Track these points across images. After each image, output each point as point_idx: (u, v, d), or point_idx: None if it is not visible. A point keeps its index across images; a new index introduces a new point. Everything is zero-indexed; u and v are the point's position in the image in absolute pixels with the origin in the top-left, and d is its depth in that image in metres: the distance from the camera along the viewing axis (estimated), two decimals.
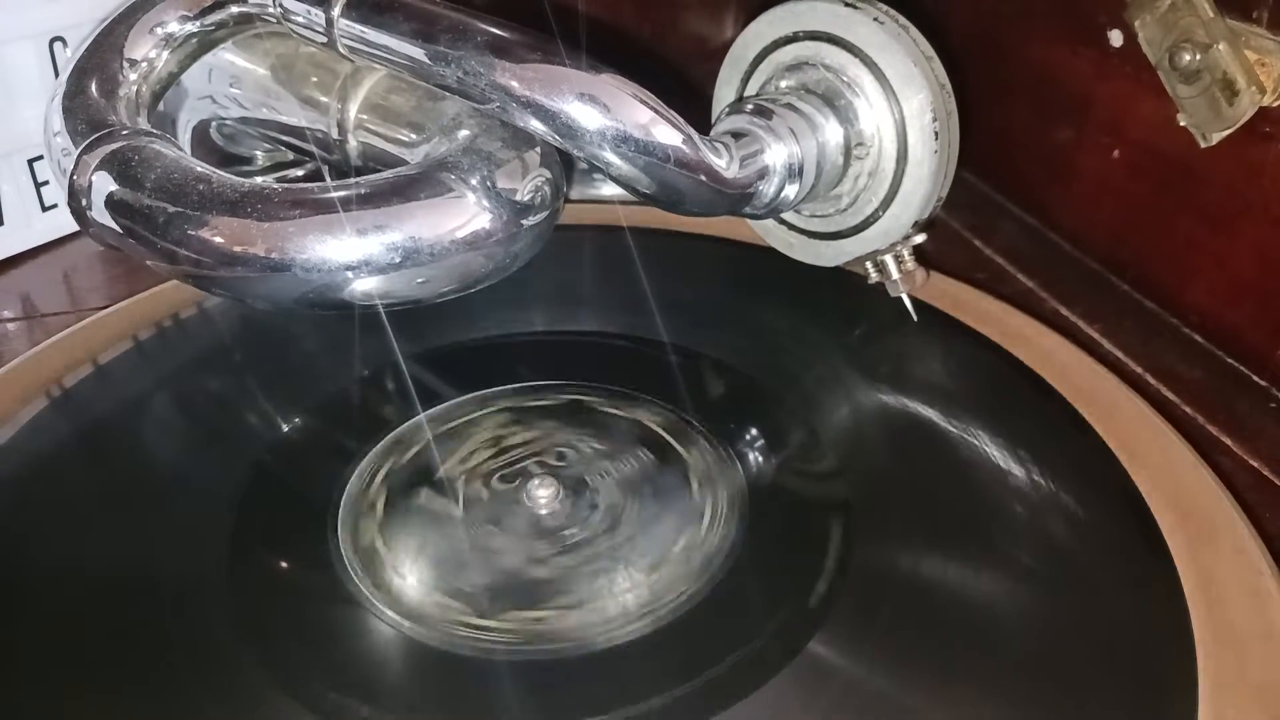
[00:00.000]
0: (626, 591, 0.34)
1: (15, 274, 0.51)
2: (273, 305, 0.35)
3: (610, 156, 0.35)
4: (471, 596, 0.34)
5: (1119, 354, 0.47)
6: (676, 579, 0.34)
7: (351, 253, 0.32)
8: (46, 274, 0.51)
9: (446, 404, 0.41)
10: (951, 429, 0.40)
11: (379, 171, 0.35)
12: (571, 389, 0.42)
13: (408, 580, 0.34)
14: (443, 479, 0.38)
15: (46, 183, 0.52)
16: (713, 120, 0.43)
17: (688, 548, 0.35)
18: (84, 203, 0.34)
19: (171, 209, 0.32)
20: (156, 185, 0.33)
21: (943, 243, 0.53)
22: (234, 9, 0.41)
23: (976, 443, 0.39)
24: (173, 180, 0.33)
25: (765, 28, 0.44)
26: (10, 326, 0.47)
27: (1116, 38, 0.49)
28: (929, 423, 0.41)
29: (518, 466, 0.39)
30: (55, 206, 0.52)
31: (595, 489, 0.38)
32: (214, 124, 0.48)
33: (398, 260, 0.32)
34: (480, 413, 0.41)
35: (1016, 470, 0.38)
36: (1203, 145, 0.45)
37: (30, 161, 0.51)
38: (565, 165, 0.37)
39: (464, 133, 0.36)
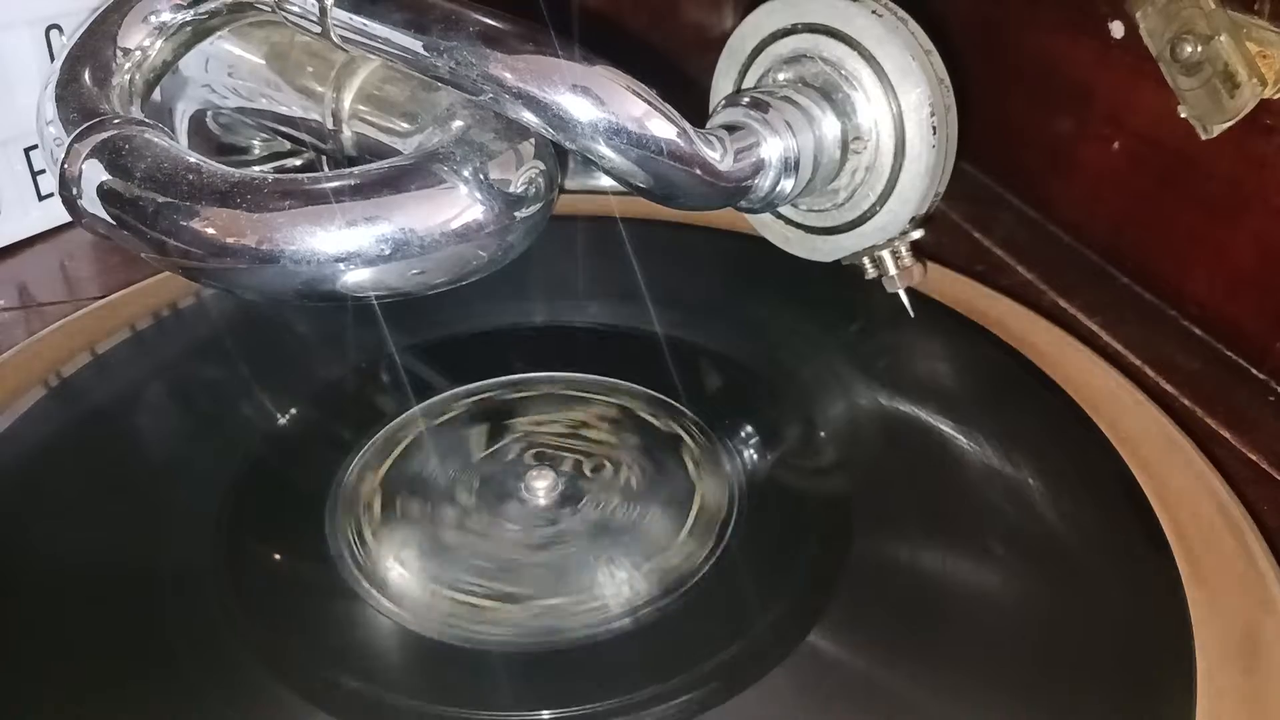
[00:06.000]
0: (624, 582, 0.34)
1: (12, 263, 0.51)
2: (263, 297, 0.35)
3: (603, 149, 0.35)
4: (467, 586, 0.34)
5: (1118, 346, 0.46)
6: (675, 570, 0.34)
7: (341, 244, 0.32)
8: (44, 263, 0.51)
9: (442, 395, 0.41)
10: (950, 422, 0.40)
11: (373, 162, 0.35)
12: (567, 381, 0.42)
13: (403, 570, 0.34)
14: (439, 470, 0.38)
15: (43, 171, 0.52)
16: (709, 113, 0.43)
17: (686, 539, 0.35)
18: (75, 192, 0.34)
19: (161, 199, 0.32)
20: (146, 175, 0.33)
21: (942, 234, 0.53)
22: None
23: (975, 436, 0.39)
24: (162, 170, 0.33)
25: (764, 19, 0.44)
26: (7, 316, 0.47)
27: (1118, 29, 0.48)
28: (928, 416, 0.41)
29: (514, 458, 0.38)
30: (52, 195, 0.52)
31: (593, 480, 0.38)
32: (210, 113, 0.48)
33: (388, 252, 0.32)
34: (475, 404, 0.41)
35: (1015, 463, 0.38)
36: (1204, 137, 0.44)
37: (27, 150, 0.51)
38: (560, 156, 0.37)
39: (457, 123, 0.36)
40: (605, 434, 0.40)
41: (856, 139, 0.42)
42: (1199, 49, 0.43)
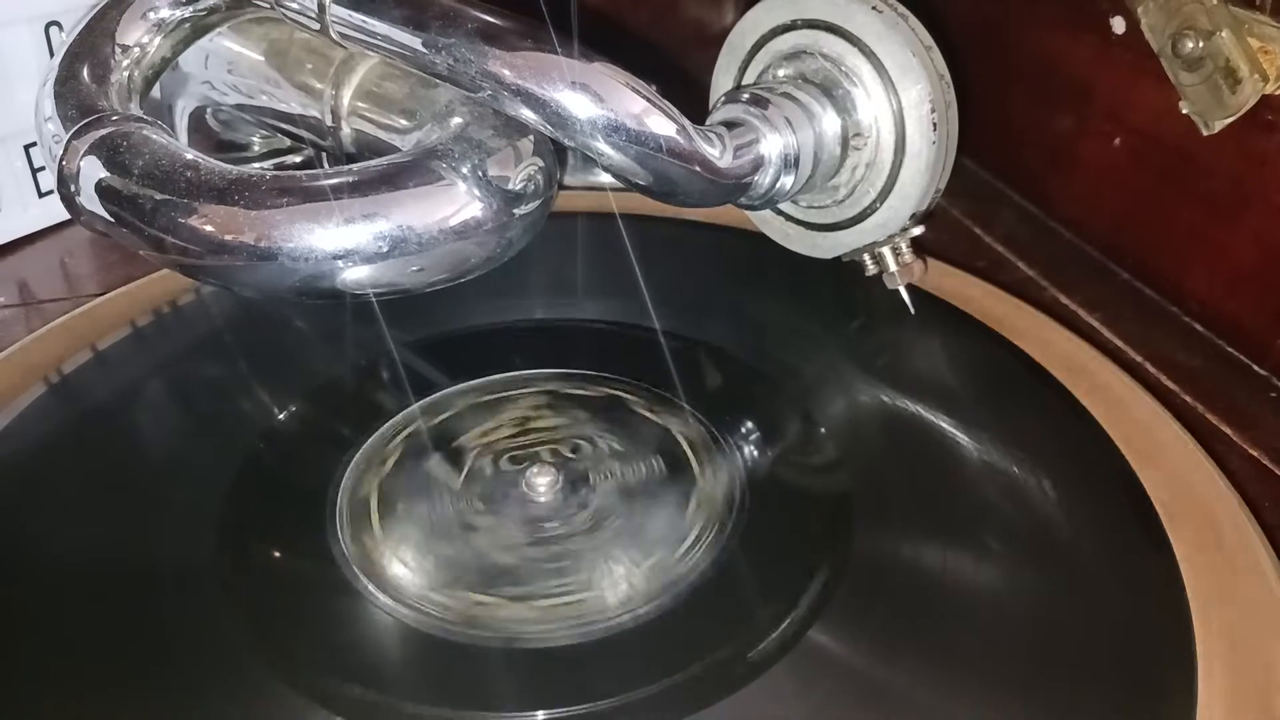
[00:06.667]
0: (624, 580, 0.34)
1: (12, 260, 0.51)
2: (261, 294, 0.35)
3: (602, 146, 0.34)
4: (468, 584, 0.34)
5: (1119, 342, 0.46)
6: (676, 567, 0.34)
7: (339, 241, 0.32)
8: (44, 260, 0.51)
9: (442, 392, 0.41)
10: (950, 419, 0.40)
11: (372, 159, 0.35)
12: (568, 378, 0.42)
13: (405, 568, 0.34)
14: (439, 467, 0.38)
15: (43, 168, 0.52)
16: (709, 109, 0.43)
17: (686, 536, 0.35)
18: (73, 189, 0.34)
19: (159, 196, 0.32)
20: (144, 172, 0.33)
21: (943, 230, 0.53)
22: None
23: (975, 432, 0.39)
24: (160, 167, 0.33)
25: (763, 15, 0.44)
26: (7, 313, 0.47)
27: (1119, 25, 0.48)
28: (928, 412, 0.40)
29: (515, 454, 0.38)
30: (52, 192, 0.51)
31: (594, 477, 0.38)
32: (209, 110, 0.48)
33: (386, 249, 0.32)
34: (476, 401, 0.41)
35: (1016, 460, 0.38)
36: (1205, 133, 0.44)
37: (27, 147, 0.51)
38: (559, 153, 0.37)
39: (456, 120, 0.36)
40: (605, 431, 0.39)
41: (857, 135, 0.42)
42: (1200, 44, 0.43)
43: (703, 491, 0.37)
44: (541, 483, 0.37)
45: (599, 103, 0.34)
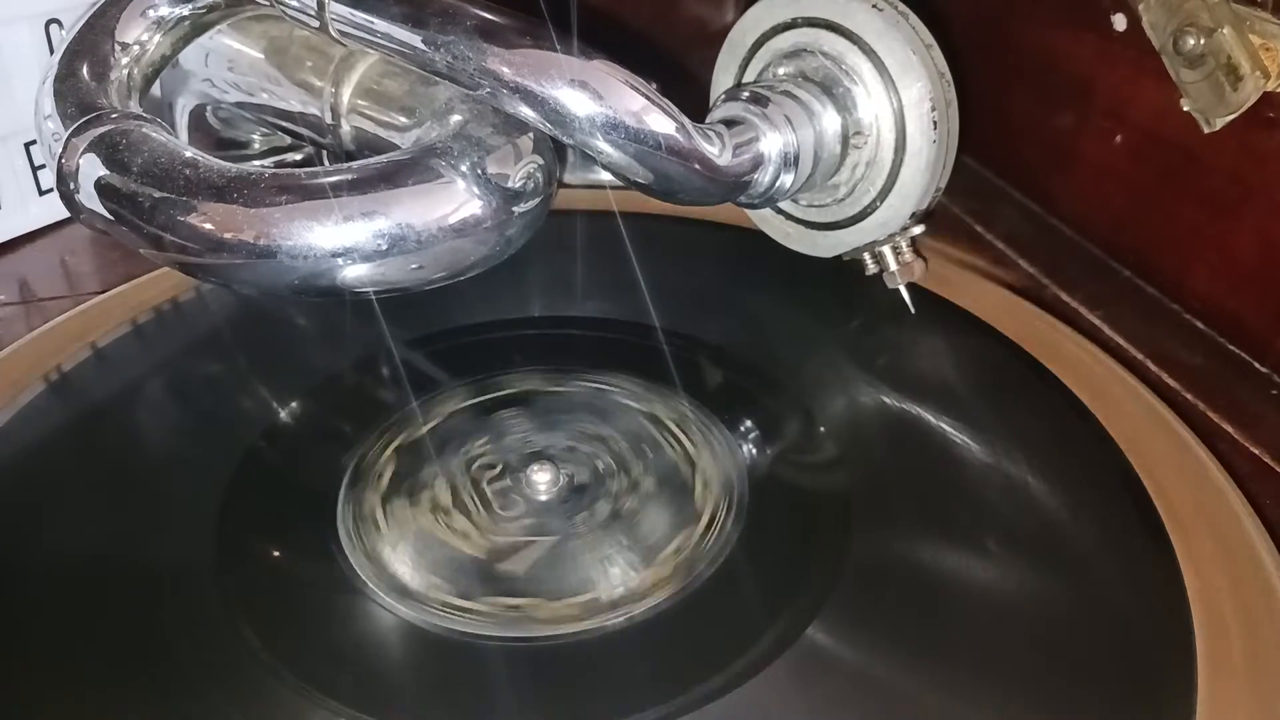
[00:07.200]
0: (625, 578, 0.34)
1: (12, 258, 0.51)
2: (261, 292, 0.35)
3: (601, 144, 0.34)
4: (469, 582, 0.34)
5: (1120, 340, 0.46)
6: (676, 565, 0.34)
7: (338, 239, 0.32)
8: (44, 258, 0.51)
9: (444, 389, 0.41)
10: (951, 416, 0.40)
11: (371, 157, 0.35)
12: (566, 376, 0.42)
13: (406, 566, 0.34)
14: (440, 465, 0.38)
15: (43, 166, 0.52)
16: (710, 107, 0.43)
17: (687, 534, 0.35)
18: (72, 187, 0.34)
19: (157, 194, 0.32)
20: (143, 169, 0.33)
21: (943, 228, 0.53)
22: None
23: (976, 430, 0.39)
24: (159, 164, 0.33)
25: (764, 13, 0.44)
26: (8, 311, 0.47)
27: (1120, 22, 0.48)
28: (928, 410, 0.40)
29: (516, 451, 0.38)
30: (52, 190, 0.51)
31: (595, 475, 0.38)
32: (210, 108, 0.48)
33: (385, 247, 0.32)
34: (476, 399, 0.41)
35: (1016, 458, 0.38)
36: (1206, 131, 0.44)
37: (27, 145, 0.51)
38: (559, 151, 0.37)
39: (456, 118, 0.36)
40: (605, 429, 0.39)
41: (857, 134, 0.42)
42: (1202, 41, 0.43)
43: (702, 490, 0.37)
44: (542, 480, 0.37)
45: (598, 100, 0.34)
